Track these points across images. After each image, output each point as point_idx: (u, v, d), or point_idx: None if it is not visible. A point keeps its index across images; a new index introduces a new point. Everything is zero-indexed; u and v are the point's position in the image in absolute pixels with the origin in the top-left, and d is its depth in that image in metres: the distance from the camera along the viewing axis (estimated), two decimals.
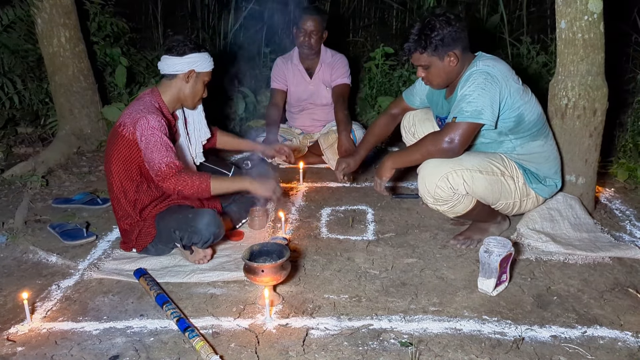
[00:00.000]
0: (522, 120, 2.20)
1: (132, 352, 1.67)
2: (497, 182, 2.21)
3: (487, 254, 1.94)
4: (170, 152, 2.10)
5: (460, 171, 2.14)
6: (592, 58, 2.41)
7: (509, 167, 2.26)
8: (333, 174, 3.34)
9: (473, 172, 2.16)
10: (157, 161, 2.08)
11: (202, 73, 2.28)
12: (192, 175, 2.11)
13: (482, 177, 2.17)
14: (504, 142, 2.27)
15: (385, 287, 2.05)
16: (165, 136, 2.11)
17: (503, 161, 2.26)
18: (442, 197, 2.18)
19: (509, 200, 2.29)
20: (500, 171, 2.23)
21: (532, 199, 2.36)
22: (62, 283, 2.11)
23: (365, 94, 4.50)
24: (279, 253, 1.96)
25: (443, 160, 2.16)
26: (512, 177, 2.26)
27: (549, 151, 2.34)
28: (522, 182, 2.29)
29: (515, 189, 2.28)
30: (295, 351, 1.67)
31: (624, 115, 3.69)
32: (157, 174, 2.09)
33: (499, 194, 2.24)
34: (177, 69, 2.23)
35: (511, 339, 1.72)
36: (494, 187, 2.21)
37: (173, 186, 2.08)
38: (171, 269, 2.19)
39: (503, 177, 2.23)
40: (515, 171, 2.27)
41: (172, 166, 2.08)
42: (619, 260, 2.22)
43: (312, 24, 3.36)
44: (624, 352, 1.65)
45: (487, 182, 2.18)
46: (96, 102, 3.88)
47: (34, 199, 2.98)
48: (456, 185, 2.14)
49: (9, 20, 3.86)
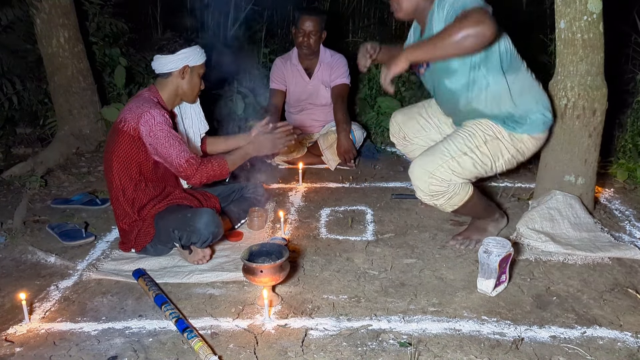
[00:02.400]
0: (492, 49, 2.11)
1: (130, 353, 1.67)
2: (484, 152, 2.18)
3: (486, 254, 1.94)
4: (184, 145, 2.17)
5: (445, 164, 2.15)
6: (591, 58, 2.41)
7: (486, 129, 2.20)
8: (332, 174, 3.35)
9: (457, 158, 2.16)
10: (174, 157, 2.13)
11: (196, 66, 2.29)
12: (211, 164, 2.19)
13: (468, 158, 2.17)
14: (476, 80, 2.17)
15: (384, 287, 2.05)
16: (173, 129, 2.16)
17: (478, 127, 2.20)
18: (438, 192, 2.20)
19: (506, 156, 2.23)
20: (482, 139, 2.18)
21: (529, 141, 2.24)
22: (61, 283, 2.11)
23: (365, 94, 4.49)
24: (278, 253, 1.96)
25: (426, 158, 2.19)
26: (494, 136, 2.20)
27: (522, 82, 2.22)
28: (506, 134, 2.20)
29: (505, 144, 2.21)
30: (294, 352, 1.66)
31: (623, 115, 3.68)
32: (181, 172, 2.17)
33: (492, 158, 2.21)
34: (171, 67, 2.24)
35: (510, 340, 1.71)
36: (483, 158, 2.19)
37: (199, 181, 2.19)
38: (170, 270, 2.19)
39: (486, 143, 2.19)
40: (493, 128, 2.20)
41: (192, 162, 2.15)
42: (619, 260, 2.21)
43: (311, 24, 3.36)
44: (623, 353, 1.65)
45: (475, 158, 2.17)
46: (95, 103, 3.88)
47: (33, 200, 2.98)
48: (447, 177, 2.16)
49: (8, 20, 3.86)
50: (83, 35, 3.80)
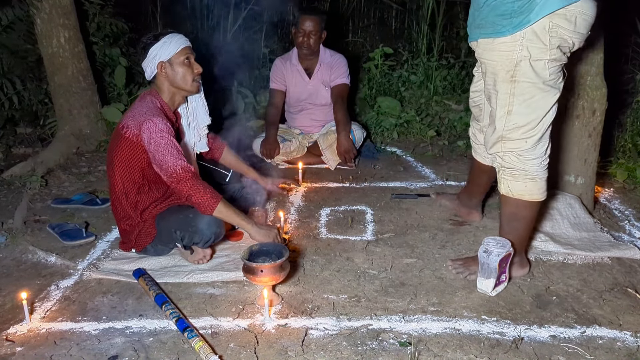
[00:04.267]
0: None
1: (131, 352, 1.67)
2: (525, 89, 1.83)
3: (486, 254, 1.94)
4: (182, 155, 2.12)
5: (502, 145, 1.92)
6: (591, 58, 2.41)
7: (507, 62, 1.83)
8: (332, 174, 3.35)
9: (508, 127, 1.88)
10: (171, 164, 2.08)
11: (172, 57, 2.20)
12: (206, 187, 2.11)
13: (514, 112, 1.86)
14: None
15: (384, 287, 2.05)
16: (174, 138, 2.13)
17: (500, 69, 1.86)
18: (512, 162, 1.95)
19: (544, 58, 1.81)
20: (508, 77, 1.84)
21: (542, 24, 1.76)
22: (61, 283, 2.11)
23: (365, 94, 4.50)
24: (278, 253, 1.96)
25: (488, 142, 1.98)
26: (519, 60, 1.82)
27: None
28: (524, 42, 1.78)
29: (531, 59, 1.81)
30: (294, 351, 1.67)
31: (623, 115, 3.69)
32: (172, 176, 2.09)
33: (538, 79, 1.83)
34: (150, 70, 2.23)
35: (510, 339, 1.72)
36: (533, 94, 1.83)
37: (187, 190, 2.09)
38: (170, 269, 2.19)
39: (513, 79, 1.83)
40: (517, 53, 1.80)
41: (188, 170, 2.10)
42: (618, 260, 2.22)
43: (310, 25, 3.36)
44: (623, 352, 1.66)
45: (522, 103, 1.85)
46: (95, 103, 3.88)
47: (33, 199, 2.98)
48: (513, 157, 1.92)
49: (9, 20, 3.86)
50: (83, 35, 3.80)
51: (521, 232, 2.04)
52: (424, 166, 3.48)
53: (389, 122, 4.06)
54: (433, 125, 4.11)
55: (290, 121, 3.77)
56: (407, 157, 3.70)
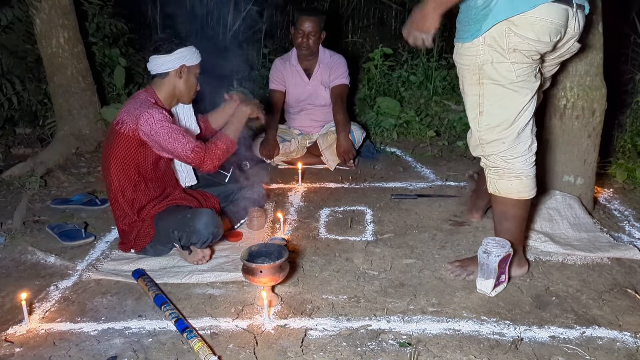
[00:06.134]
0: None
1: (130, 353, 1.67)
2: (492, 90, 1.86)
3: (485, 254, 1.94)
4: (187, 136, 2.16)
5: (482, 149, 1.95)
6: (590, 58, 2.41)
7: (473, 66, 1.87)
8: (332, 175, 3.35)
9: (482, 128, 1.91)
10: (180, 150, 2.13)
11: (192, 66, 2.29)
12: (215, 145, 2.20)
13: (486, 113, 1.89)
14: None
15: (383, 287, 2.05)
16: (173, 124, 2.16)
17: (467, 72, 1.90)
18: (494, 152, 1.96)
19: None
20: (475, 79, 1.87)
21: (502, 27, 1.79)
22: (61, 284, 2.11)
23: (364, 95, 4.50)
24: (277, 254, 1.96)
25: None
26: (481, 63, 1.85)
27: None
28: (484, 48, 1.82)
29: (493, 63, 1.84)
30: (293, 352, 1.67)
31: (622, 115, 3.69)
32: (191, 162, 2.17)
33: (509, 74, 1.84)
34: (168, 67, 2.24)
35: (510, 340, 1.72)
36: (502, 95, 1.85)
37: (212, 166, 2.19)
38: (169, 270, 2.19)
39: (481, 82, 1.87)
40: (480, 57, 1.84)
41: (198, 150, 2.15)
42: (618, 260, 2.22)
43: (310, 25, 3.36)
44: (622, 353, 1.65)
45: (493, 104, 1.87)
46: (95, 103, 3.88)
47: (33, 200, 2.98)
48: (496, 158, 1.94)
49: (8, 20, 3.85)
50: (83, 36, 3.80)
51: (514, 231, 2.03)
52: (423, 166, 3.48)
53: (389, 123, 4.06)
54: (432, 126, 4.11)
55: (289, 121, 3.77)
56: (406, 157, 3.70)
